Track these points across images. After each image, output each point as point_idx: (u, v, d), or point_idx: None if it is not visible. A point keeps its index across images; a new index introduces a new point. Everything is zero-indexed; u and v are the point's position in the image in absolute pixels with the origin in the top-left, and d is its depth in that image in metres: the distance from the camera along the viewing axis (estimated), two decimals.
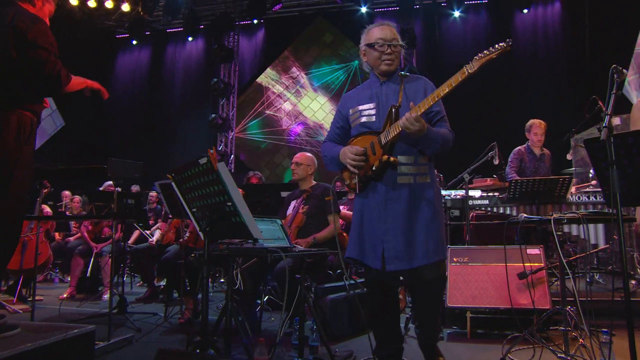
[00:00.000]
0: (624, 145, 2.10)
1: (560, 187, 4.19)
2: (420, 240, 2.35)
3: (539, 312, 3.43)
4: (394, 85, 2.50)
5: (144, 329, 3.89)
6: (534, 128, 5.27)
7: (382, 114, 2.46)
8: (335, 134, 2.70)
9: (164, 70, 11.93)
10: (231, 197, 1.86)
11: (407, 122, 2.21)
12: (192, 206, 2.23)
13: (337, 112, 2.71)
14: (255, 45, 11.78)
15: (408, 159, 2.41)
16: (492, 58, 2.18)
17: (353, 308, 3.78)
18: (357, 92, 2.66)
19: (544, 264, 3.70)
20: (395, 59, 2.48)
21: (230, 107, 11.39)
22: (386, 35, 2.47)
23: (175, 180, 2.23)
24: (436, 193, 2.48)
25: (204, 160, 1.88)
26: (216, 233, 2.09)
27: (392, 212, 2.37)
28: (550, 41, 9.90)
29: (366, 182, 2.46)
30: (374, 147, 2.42)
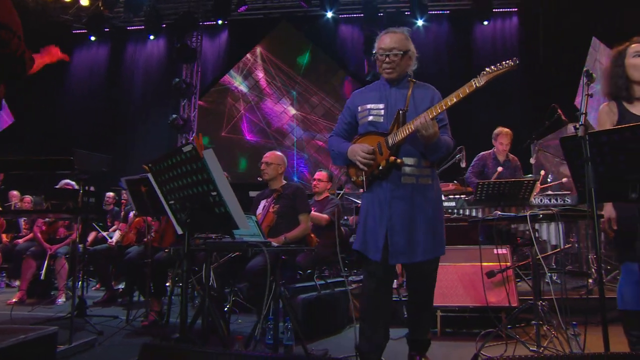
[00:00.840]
0: (597, 143, 2.17)
1: (524, 190, 4.31)
2: (421, 237, 2.49)
3: (508, 310, 3.52)
4: (404, 89, 2.62)
5: (106, 332, 3.72)
6: (501, 137, 5.38)
7: (390, 115, 2.58)
8: (342, 129, 2.80)
9: (123, 69, 11.54)
10: (216, 186, 1.79)
11: (422, 125, 2.35)
12: (170, 198, 2.14)
13: (346, 108, 2.81)
14: (218, 46, 11.60)
15: (412, 161, 2.54)
16: (499, 74, 2.34)
17: (324, 308, 3.75)
18: (367, 91, 2.76)
19: (511, 263, 3.80)
20: (395, 67, 2.58)
21: (192, 109, 11.15)
22: (385, 44, 2.60)
23: (153, 171, 2.13)
24: (437, 193, 2.64)
25: (188, 148, 1.81)
26: (196, 225, 2.01)
27: (396, 209, 2.50)
28: (508, 52, 10.27)
29: (372, 180, 2.58)
30: (381, 148, 2.55)
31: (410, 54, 2.64)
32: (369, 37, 10.19)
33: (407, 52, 2.61)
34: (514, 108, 9.53)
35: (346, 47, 11.05)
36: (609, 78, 2.73)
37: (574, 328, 2.52)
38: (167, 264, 4.15)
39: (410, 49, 2.64)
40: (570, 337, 2.66)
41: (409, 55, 2.63)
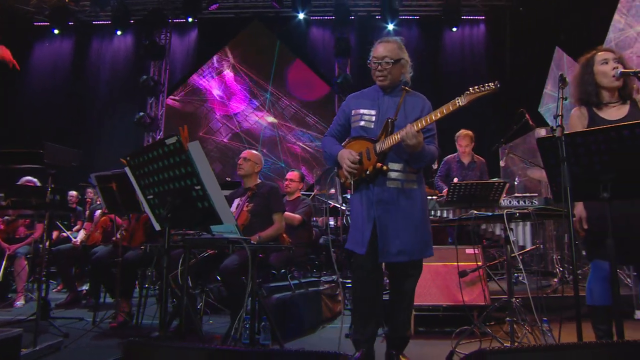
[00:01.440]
0: (573, 144, 2.24)
1: (494, 192, 4.41)
2: (408, 239, 2.61)
3: (480, 308, 3.59)
4: (396, 97, 2.73)
5: (72, 335, 3.57)
6: (460, 139, 5.48)
7: (380, 122, 2.68)
8: (336, 130, 2.90)
9: (88, 64, 11.16)
10: (201, 180, 1.74)
11: (407, 135, 2.46)
12: (148, 193, 2.07)
13: (341, 110, 2.91)
14: (188, 44, 11.41)
15: (398, 167, 2.66)
16: (481, 96, 2.47)
17: (298, 308, 3.72)
18: (361, 96, 2.86)
19: (482, 263, 3.88)
20: (387, 75, 2.69)
21: (160, 107, 10.91)
22: (378, 53, 2.72)
23: (131, 165, 2.06)
24: (423, 198, 2.73)
25: (172, 140, 1.75)
26: (177, 221, 1.95)
27: (382, 211, 2.62)
28: (475, 59, 10.56)
29: (360, 183, 2.70)
30: (369, 153, 2.67)
31: (402, 62, 2.73)
32: (340, 39, 10.27)
33: (399, 60, 2.71)
34: (481, 113, 9.75)
35: (317, 49, 11.08)
36: (579, 85, 2.82)
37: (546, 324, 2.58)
38: (137, 264, 4.02)
39: (402, 57, 2.74)
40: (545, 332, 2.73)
41: (401, 64, 2.73)
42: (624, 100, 2.71)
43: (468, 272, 3.75)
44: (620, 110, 2.70)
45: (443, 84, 9.86)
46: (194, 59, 11.29)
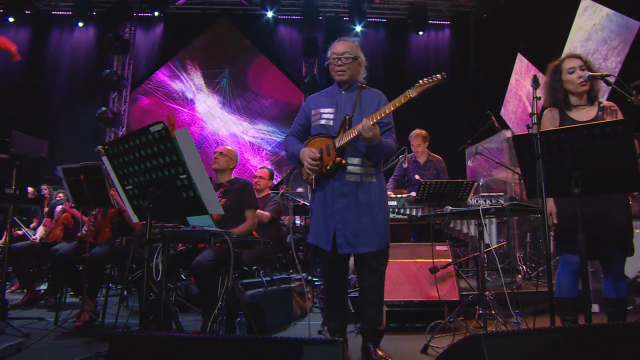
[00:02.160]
0: (547, 142, 2.32)
1: (463, 190, 4.52)
2: (364, 230, 2.69)
3: (450, 303, 3.66)
4: (353, 94, 2.84)
5: (33, 335, 3.40)
6: (412, 139, 5.52)
7: (339, 119, 2.79)
8: (297, 130, 3.00)
9: (46, 55, 10.67)
10: (187, 169, 1.69)
11: (363, 128, 2.55)
12: (127, 183, 2.00)
13: (301, 110, 3.00)
14: (152, 39, 11.12)
15: (356, 161, 2.75)
16: (429, 87, 2.54)
17: (271, 304, 3.70)
18: (320, 96, 2.97)
19: (452, 259, 3.96)
20: (346, 70, 2.80)
21: (123, 102, 10.59)
22: (338, 49, 2.83)
23: (109, 153, 1.98)
24: (381, 190, 2.81)
25: (157, 128, 1.69)
26: (158, 211, 1.89)
27: (342, 205, 2.71)
28: (440, 62, 10.80)
29: (321, 178, 2.79)
30: (329, 149, 2.76)
31: (360, 60, 2.87)
32: (308, 39, 10.28)
33: (357, 57, 2.83)
34: (445, 115, 9.99)
35: (284, 48, 11.04)
36: (548, 91, 2.97)
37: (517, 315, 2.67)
38: (104, 260, 3.89)
39: (360, 55, 2.87)
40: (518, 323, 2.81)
41: (358, 62, 2.85)
42: (591, 102, 2.85)
43: (439, 268, 3.82)
44: (589, 112, 2.83)
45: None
46: (159, 54, 11.02)
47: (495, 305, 2.91)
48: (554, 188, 2.39)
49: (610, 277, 2.73)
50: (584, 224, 2.32)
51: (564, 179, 2.32)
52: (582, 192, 2.28)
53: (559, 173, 2.33)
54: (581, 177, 2.28)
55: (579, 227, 2.29)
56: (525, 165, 2.45)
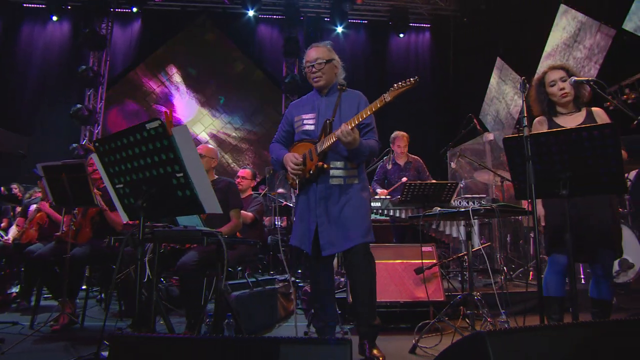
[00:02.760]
0: (536, 144, 2.38)
1: (447, 192, 4.58)
2: (348, 228, 2.75)
3: (436, 304, 3.70)
4: (333, 98, 2.91)
5: (9, 340, 3.27)
6: (397, 140, 5.57)
7: (320, 124, 2.87)
8: (281, 136, 3.10)
9: (17, 50, 10.34)
10: (184, 167, 1.67)
11: (342, 134, 2.62)
12: (118, 182, 1.96)
13: (284, 117, 3.11)
14: (130, 36, 10.91)
15: (339, 164, 2.83)
16: (403, 91, 2.63)
17: (257, 306, 3.68)
18: (302, 102, 3.07)
19: (436, 260, 4.01)
20: (322, 75, 2.89)
21: (99, 99, 10.37)
22: (310, 57, 2.93)
23: (100, 151, 1.94)
24: (363, 189, 2.89)
25: (154, 125, 1.66)
26: (151, 210, 1.85)
27: (326, 208, 2.79)
28: (420, 65, 10.94)
29: (305, 183, 2.87)
30: (311, 154, 2.84)
31: (334, 62, 2.94)
32: (289, 39, 10.26)
33: (330, 60, 2.90)
34: (425, 117, 10.12)
35: (265, 47, 10.99)
36: (535, 102, 3.08)
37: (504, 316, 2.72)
38: (85, 261, 3.80)
39: (334, 58, 2.94)
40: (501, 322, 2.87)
41: (333, 64, 2.92)
42: (578, 108, 2.93)
43: (424, 268, 3.86)
44: (576, 118, 2.92)
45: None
46: (137, 51, 10.81)
47: (484, 305, 2.96)
48: (542, 190, 2.45)
49: (597, 278, 2.81)
50: (571, 225, 2.39)
51: (553, 181, 2.39)
52: (570, 194, 2.35)
53: (548, 175, 2.39)
54: (569, 179, 2.34)
55: (567, 228, 2.35)
56: (514, 167, 2.51)
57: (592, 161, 2.28)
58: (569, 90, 2.90)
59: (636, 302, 4.29)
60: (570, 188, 2.35)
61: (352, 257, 2.75)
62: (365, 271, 2.77)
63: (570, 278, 2.37)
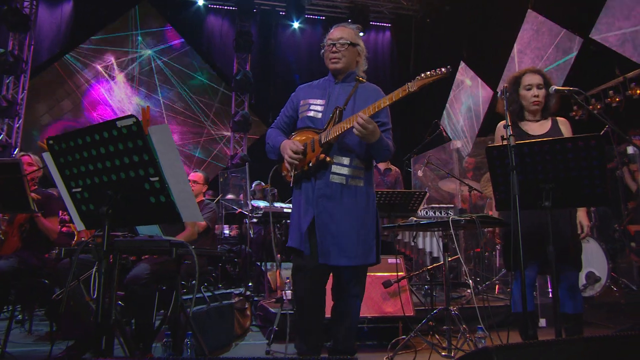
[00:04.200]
0: (520, 154, 2.49)
1: (414, 201, 4.69)
2: (347, 241, 2.56)
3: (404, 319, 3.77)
4: (348, 87, 2.72)
5: None
6: None
7: (329, 112, 2.68)
8: (283, 122, 2.90)
9: None
10: (160, 171, 1.61)
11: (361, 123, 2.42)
12: (75, 185, 1.87)
13: (289, 101, 2.90)
14: (59, 19, 10.44)
15: (344, 160, 2.63)
16: (431, 81, 2.52)
17: (214, 322, 3.61)
18: (312, 86, 2.87)
19: (405, 273, 4.09)
20: (341, 58, 2.70)
21: (20, 89, 9.83)
22: (334, 35, 2.73)
23: (55, 150, 1.84)
24: (369, 197, 2.70)
25: (126, 122, 1.59)
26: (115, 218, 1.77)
27: (323, 208, 2.58)
28: (379, 64, 11.18)
29: (302, 176, 2.68)
30: (313, 145, 2.64)
31: (359, 49, 2.77)
32: (242, 33, 10.18)
33: (355, 45, 2.74)
34: None
35: (214, 40, 10.84)
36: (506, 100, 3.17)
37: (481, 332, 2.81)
38: (10, 275, 3.57)
39: (359, 43, 2.78)
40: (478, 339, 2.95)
41: (357, 50, 2.76)
42: (545, 117, 3.09)
43: (392, 282, 3.93)
44: (542, 126, 3.08)
45: None
46: (67, 37, 10.37)
47: (461, 320, 3.05)
48: (524, 201, 2.55)
49: (565, 292, 2.96)
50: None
51: (534, 192, 2.51)
52: (552, 205, 2.47)
53: (530, 186, 2.50)
54: (552, 189, 2.47)
55: (549, 240, 2.47)
56: (496, 177, 2.61)
57: (576, 172, 2.42)
58: (541, 100, 3.05)
59: (601, 315, 4.56)
60: (553, 199, 2.48)
61: (345, 274, 2.63)
62: (355, 292, 2.68)
63: (553, 292, 2.49)
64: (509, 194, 2.54)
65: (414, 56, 10.82)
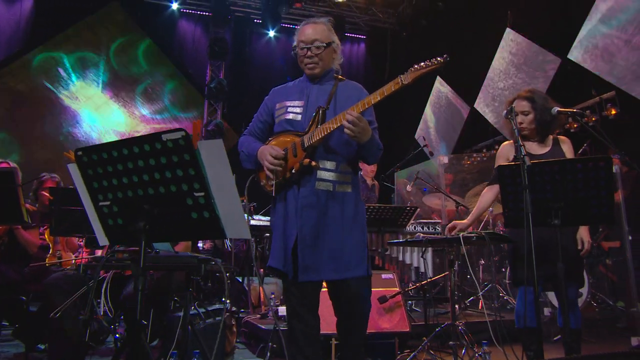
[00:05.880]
0: (531, 173, 2.62)
1: (404, 216, 4.79)
2: (334, 253, 2.43)
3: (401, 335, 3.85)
4: (327, 86, 2.63)
5: None
6: None
7: (309, 114, 2.56)
8: (257, 128, 2.75)
9: None
10: (207, 186, 1.62)
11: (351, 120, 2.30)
12: (104, 198, 1.85)
13: (263, 104, 2.76)
14: (18, 15, 10.03)
15: (330, 165, 2.51)
16: (427, 72, 2.39)
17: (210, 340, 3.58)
18: (287, 88, 2.75)
19: (399, 289, 4.17)
20: (318, 62, 2.58)
21: None
22: (307, 37, 2.57)
23: (83, 161, 1.82)
24: (357, 204, 2.57)
25: (173, 136, 1.59)
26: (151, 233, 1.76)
27: (307, 219, 2.44)
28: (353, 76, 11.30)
29: (283, 185, 2.51)
30: (295, 149, 2.49)
31: (334, 46, 2.64)
32: (217, 40, 10.14)
33: (330, 44, 2.60)
34: None
35: (186, 46, 10.74)
36: (504, 126, 3.35)
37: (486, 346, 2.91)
38: None
39: (334, 40, 2.64)
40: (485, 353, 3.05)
41: (332, 48, 2.63)
42: (543, 138, 3.25)
43: (388, 297, 4.00)
44: (542, 146, 3.24)
45: None
46: (28, 35, 9.99)
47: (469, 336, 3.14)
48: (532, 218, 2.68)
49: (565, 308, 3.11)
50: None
51: (543, 210, 2.64)
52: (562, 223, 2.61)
53: (539, 204, 2.64)
54: (561, 208, 2.61)
55: (557, 257, 2.61)
56: (506, 195, 2.74)
57: (584, 192, 2.57)
58: (527, 126, 3.21)
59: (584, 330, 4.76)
60: (561, 218, 2.62)
61: (340, 289, 2.50)
62: (357, 309, 2.55)
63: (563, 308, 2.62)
64: (518, 211, 2.68)
65: (389, 69, 11.04)
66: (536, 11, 7.16)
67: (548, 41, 6.75)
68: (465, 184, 6.21)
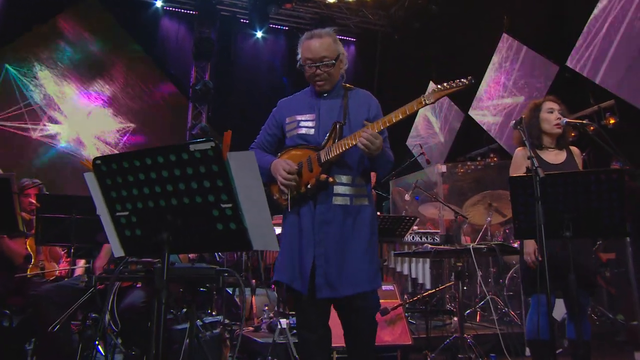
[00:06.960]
0: (542, 184, 2.72)
1: (403, 226, 4.88)
2: (353, 267, 2.50)
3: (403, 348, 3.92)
4: (337, 98, 2.70)
5: None
6: None
7: (321, 127, 2.63)
8: (265, 141, 2.82)
9: None
10: (235, 197, 1.67)
11: (369, 139, 2.39)
12: (122, 208, 1.88)
13: (271, 117, 2.83)
14: None
15: (346, 179, 2.58)
16: (450, 93, 2.53)
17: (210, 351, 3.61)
18: (296, 100, 2.82)
19: (400, 301, 4.25)
20: (328, 78, 2.64)
21: None
22: (315, 54, 2.61)
23: (102, 170, 1.85)
24: (373, 217, 2.66)
25: (202, 147, 1.64)
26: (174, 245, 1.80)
27: (325, 235, 2.50)
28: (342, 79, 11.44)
29: (298, 200, 2.57)
30: (311, 164, 2.56)
31: (341, 57, 2.69)
32: (203, 40, 10.16)
33: (338, 57, 2.65)
34: None
35: (169, 45, 10.71)
36: (525, 127, 3.43)
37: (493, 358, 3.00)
38: None
39: (340, 52, 2.68)
40: None
41: (340, 60, 2.68)
42: (560, 147, 3.38)
43: (389, 310, 4.07)
44: (558, 155, 3.36)
45: None
46: None
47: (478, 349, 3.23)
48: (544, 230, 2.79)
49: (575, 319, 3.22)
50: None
51: (555, 222, 2.74)
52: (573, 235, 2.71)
53: (551, 216, 2.73)
54: (572, 220, 2.71)
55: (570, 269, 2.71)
56: (517, 205, 2.83)
57: (597, 204, 2.68)
58: (564, 124, 3.32)
59: None
60: (573, 229, 2.72)
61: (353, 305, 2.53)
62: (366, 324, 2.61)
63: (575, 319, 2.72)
64: (528, 222, 2.77)
65: (379, 72, 11.17)
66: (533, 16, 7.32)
67: (546, 48, 6.91)
68: (463, 192, 6.33)
